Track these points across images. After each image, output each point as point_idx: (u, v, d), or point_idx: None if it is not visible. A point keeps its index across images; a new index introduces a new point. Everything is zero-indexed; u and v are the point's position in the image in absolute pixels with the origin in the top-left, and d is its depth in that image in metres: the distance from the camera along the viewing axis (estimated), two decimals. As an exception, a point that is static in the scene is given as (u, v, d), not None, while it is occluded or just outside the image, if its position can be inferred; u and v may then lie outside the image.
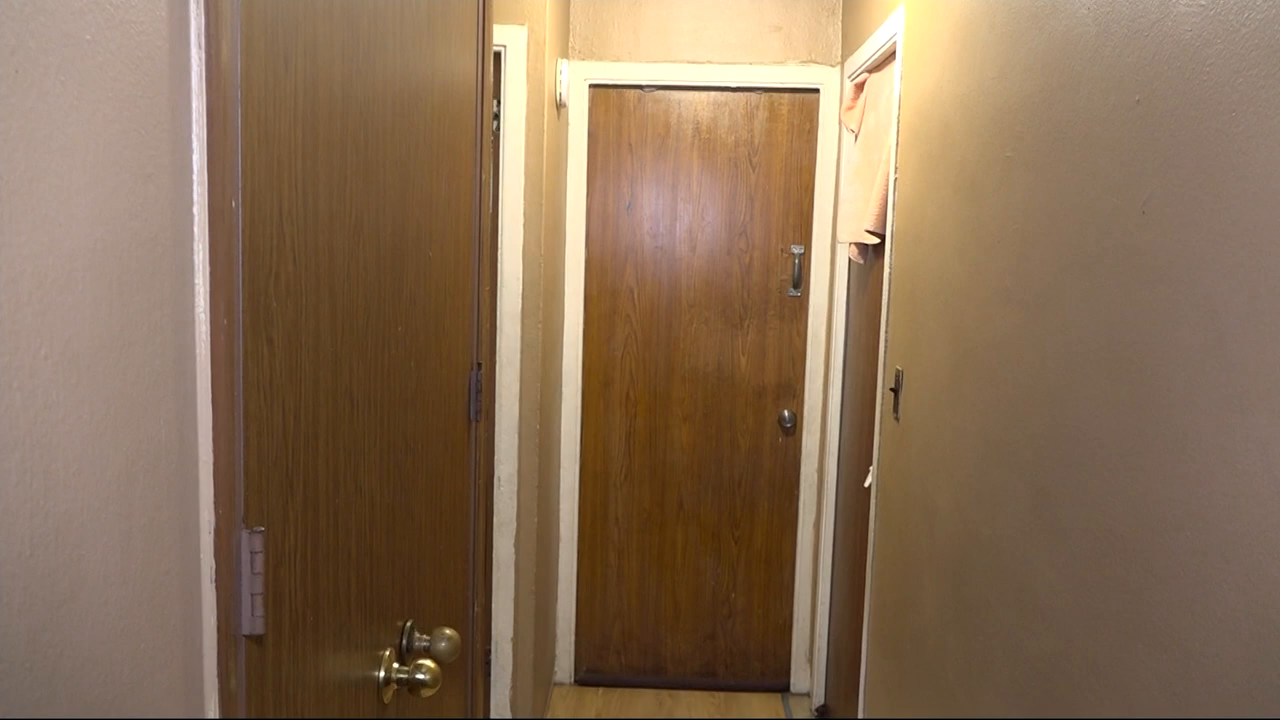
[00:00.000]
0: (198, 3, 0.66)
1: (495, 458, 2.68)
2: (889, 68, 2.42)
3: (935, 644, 1.83)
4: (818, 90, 3.11)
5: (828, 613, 3.13)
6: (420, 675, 1.08)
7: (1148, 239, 1.06)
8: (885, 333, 2.31)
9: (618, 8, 3.10)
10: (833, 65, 3.09)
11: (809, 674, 3.31)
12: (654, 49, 3.11)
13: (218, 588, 0.71)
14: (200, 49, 0.67)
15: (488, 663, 2.77)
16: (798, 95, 3.14)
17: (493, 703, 2.76)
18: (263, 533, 0.74)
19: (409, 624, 1.15)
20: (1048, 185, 1.34)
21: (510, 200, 2.62)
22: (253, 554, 0.73)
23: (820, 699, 3.21)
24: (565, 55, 3.06)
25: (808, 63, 3.10)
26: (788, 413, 3.23)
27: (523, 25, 2.58)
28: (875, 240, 2.47)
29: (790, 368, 3.23)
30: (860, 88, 2.75)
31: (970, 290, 1.68)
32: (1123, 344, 1.11)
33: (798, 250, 3.18)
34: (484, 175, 1.46)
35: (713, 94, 3.15)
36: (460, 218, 1.36)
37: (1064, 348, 1.27)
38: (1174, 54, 1.01)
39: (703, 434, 3.27)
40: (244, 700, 0.73)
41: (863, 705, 2.45)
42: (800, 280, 3.19)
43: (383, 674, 1.06)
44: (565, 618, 3.34)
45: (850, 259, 2.82)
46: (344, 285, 0.92)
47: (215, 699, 0.71)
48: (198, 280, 0.68)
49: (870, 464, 2.45)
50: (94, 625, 0.58)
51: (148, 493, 0.63)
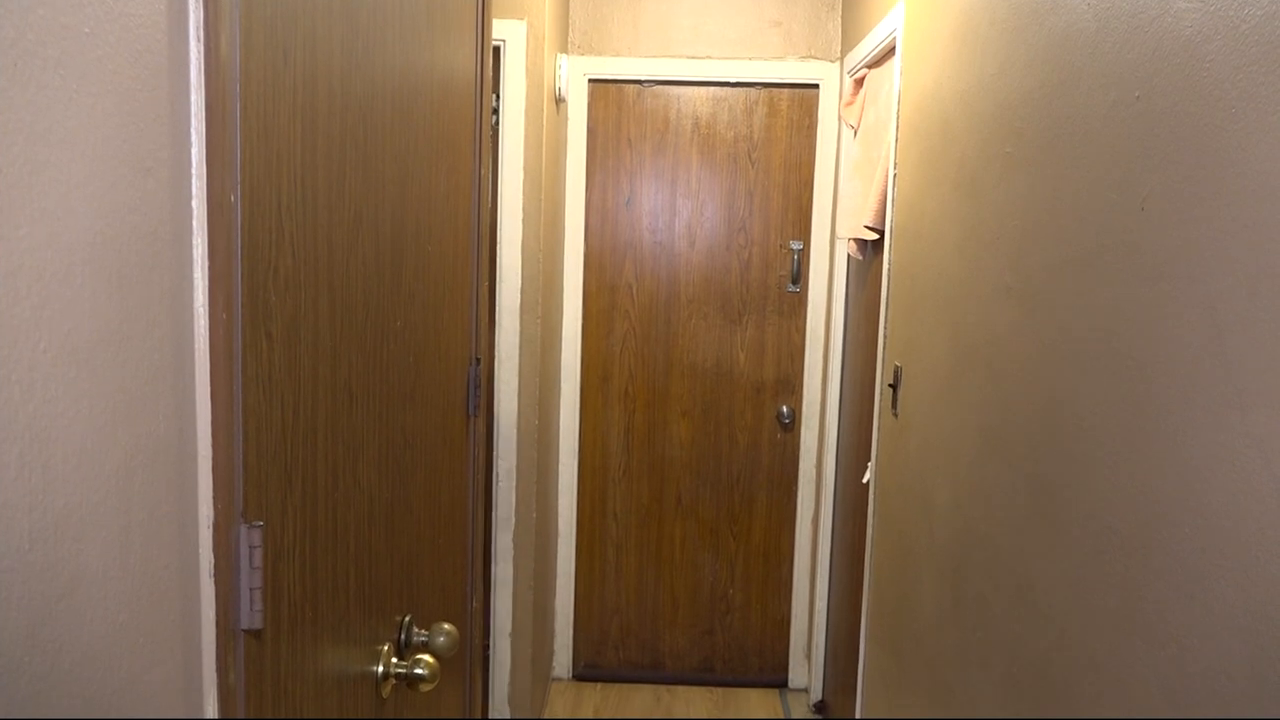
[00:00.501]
0: (196, -4, 0.66)
1: (494, 453, 2.68)
2: (889, 63, 2.42)
3: (933, 640, 1.83)
4: (817, 86, 3.10)
5: (826, 608, 3.14)
6: (419, 670, 1.08)
7: (1147, 235, 1.06)
8: (884, 329, 2.31)
9: (617, 2, 3.09)
10: (832, 61, 3.08)
11: (807, 670, 3.32)
12: (653, 44, 3.10)
13: (216, 582, 0.71)
14: (199, 42, 0.67)
15: (486, 658, 2.77)
16: (797, 91, 3.13)
17: (491, 698, 2.76)
18: (261, 527, 0.74)
19: (407, 619, 1.15)
20: (1047, 181, 1.34)
21: (509, 195, 2.62)
22: (251, 549, 0.73)
23: (818, 695, 3.21)
24: (564, 50, 3.05)
25: (807, 58, 3.09)
26: (786, 408, 3.23)
27: (522, 20, 2.57)
28: (874, 236, 2.47)
29: (789, 363, 3.23)
30: (860, 83, 2.75)
31: (969, 286, 1.68)
32: (1122, 340, 1.11)
33: (797, 246, 3.18)
34: (483, 170, 1.46)
35: (712, 89, 3.14)
36: (459, 213, 1.35)
37: (1063, 344, 1.27)
38: (1174, 50, 1.01)
39: (701, 430, 3.27)
40: (243, 695, 0.73)
41: (860, 701, 2.45)
42: (799, 276, 3.19)
43: (381, 669, 1.06)
44: (564, 613, 3.35)
45: (849, 255, 2.82)
46: (343, 280, 0.92)
47: (214, 694, 0.71)
48: (197, 274, 0.68)
49: (869, 460, 2.45)
50: (93, 620, 0.58)
51: (146, 487, 0.63)
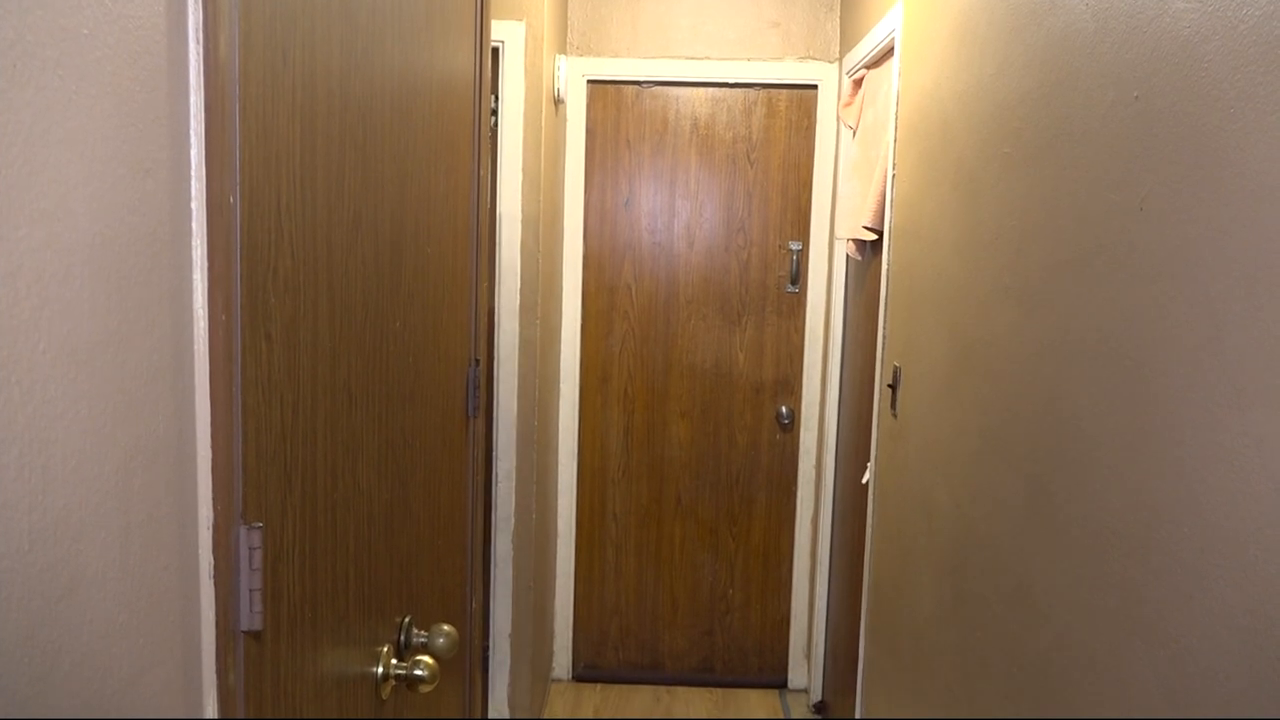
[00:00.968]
0: (195, -3, 0.66)
1: (493, 454, 2.68)
2: (887, 64, 2.42)
3: (932, 640, 1.83)
4: (816, 86, 3.11)
5: (825, 609, 3.14)
6: (418, 671, 1.08)
7: (1146, 235, 1.06)
8: (883, 329, 2.31)
9: (616, 3, 3.09)
10: (831, 61, 3.08)
11: (806, 670, 3.32)
12: (652, 45, 3.10)
13: (216, 583, 0.71)
14: (198, 44, 0.67)
15: (486, 659, 2.77)
16: (796, 91, 3.13)
17: (491, 699, 2.76)
18: (261, 528, 0.74)
19: (407, 620, 1.15)
20: (1046, 181, 1.34)
21: (508, 196, 2.62)
22: (251, 550, 0.73)
23: (818, 695, 3.21)
24: (563, 51, 3.05)
25: (806, 59, 3.09)
26: (785, 409, 3.23)
27: (521, 21, 2.57)
28: (873, 237, 2.47)
29: (788, 364, 3.23)
30: (858, 84, 2.75)
31: (968, 287, 1.68)
32: (1120, 340, 1.11)
33: (796, 247, 3.18)
34: (482, 171, 1.46)
35: (711, 90, 3.14)
36: (458, 214, 1.35)
37: (1062, 344, 1.27)
38: (1172, 50, 1.01)
39: (701, 430, 3.27)
40: (242, 696, 0.73)
41: (860, 701, 2.45)
42: (798, 276, 3.19)
43: (381, 670, 1.06)
44: (563, 614, 3.35)
45: (848, 255, 2.82)
46: (342, 281, 0.92)
47: (214, 695, 0.71)
48: (196, 275, 0.68)
49: (868, 460, 2.45)
50: (92, 621, 0.58)
51: (146, 488, 0.63)
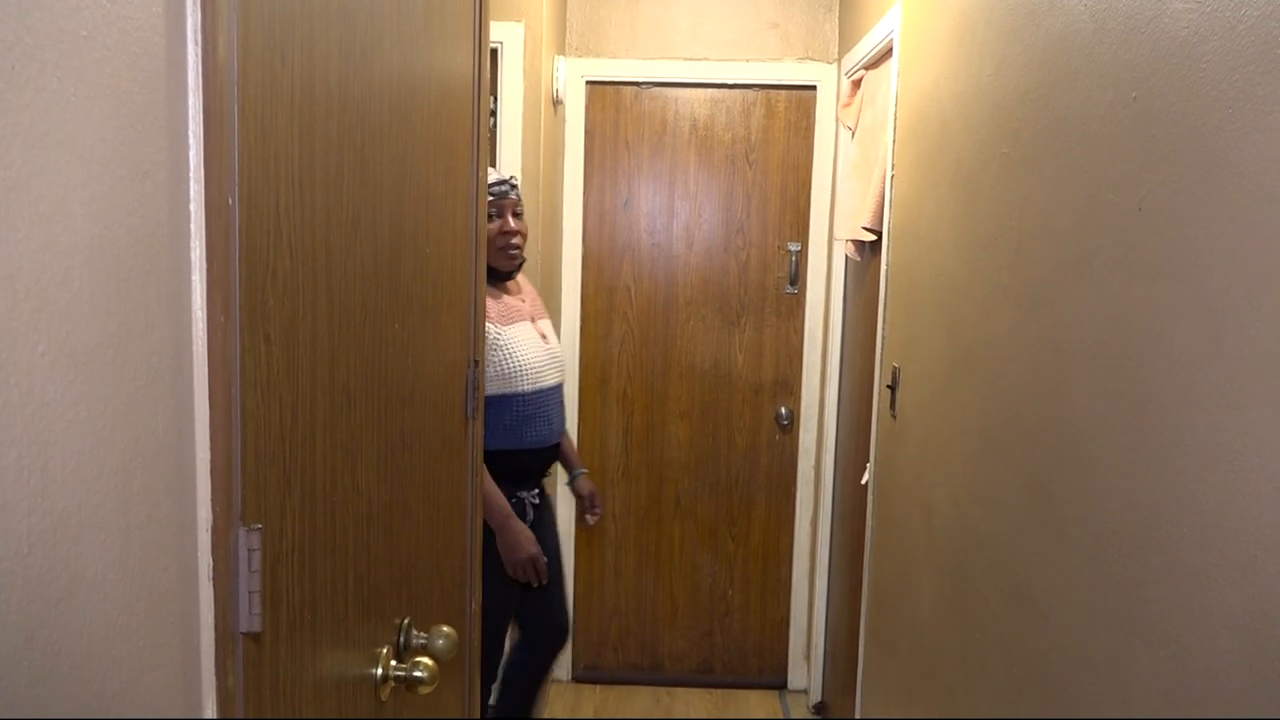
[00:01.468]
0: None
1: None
2: (886, 65, 2.42)
3: (932, 641, 1.83)
4: (815, 87, 3.11)
5: (825, 610, 3.14)
6: (418, 673, 1.08)
7: (1144, 235, 1.06)
8: (882, 330, 2.32)
9: (615, 4, 3.09)
10: (830, 62, 3.09)
11: (806, 671, 3.32)
12: (651, 46, 3.11)
13: (215, 585, 0.71)
14: (197, 45, 0.67)
15: (485, 660, 2.77)
16: (795, 92, 3.13)
17: (490, 700, 2.75)
18: (260, 530, 0.74)
19: (406, 621, 1.15)
20: (1045, 182, 1.34)
21: (507, 197, 2.62)
22: (250, 551, 0.73)
23: (817, 696, 3.21)
24: (562, 52, 3.05)
25: (805, 60, 3.10)
26: (785, 410, 3.23)
27: (519, 22, 2.57)
28: (872, 237, 2.47)
29: (787, 365, 3.23)
30: (857, 85, 2.75)
31: (967, 287, 1.68)
32: (1119, 340, 1.11)
33: (795, 247, 3.18)
34: (481, 172, 1.46)
35: (710, 91, 3.14)
36: (457, 215, 1.35)
37: (1061, 344, 1.27)
38: (1170, 50, 1.01)
39: (700, 431, 3.27)
40: (242, 698, 0.73)
41: (860, 702, 2.45)
42: (797, 277, 3.19)
43: (380, 672, 1.06)
44: (562, 615, 3.34)
45: (847, 256, 2.82)
46: (341, 282, 0.92)
47: (213, 697, 0.71)
48: (195, 277, 0.68)
49: (867, 461, 2.45)
50: (91, 623, 0.58)
51: (145, 490, 0.63)
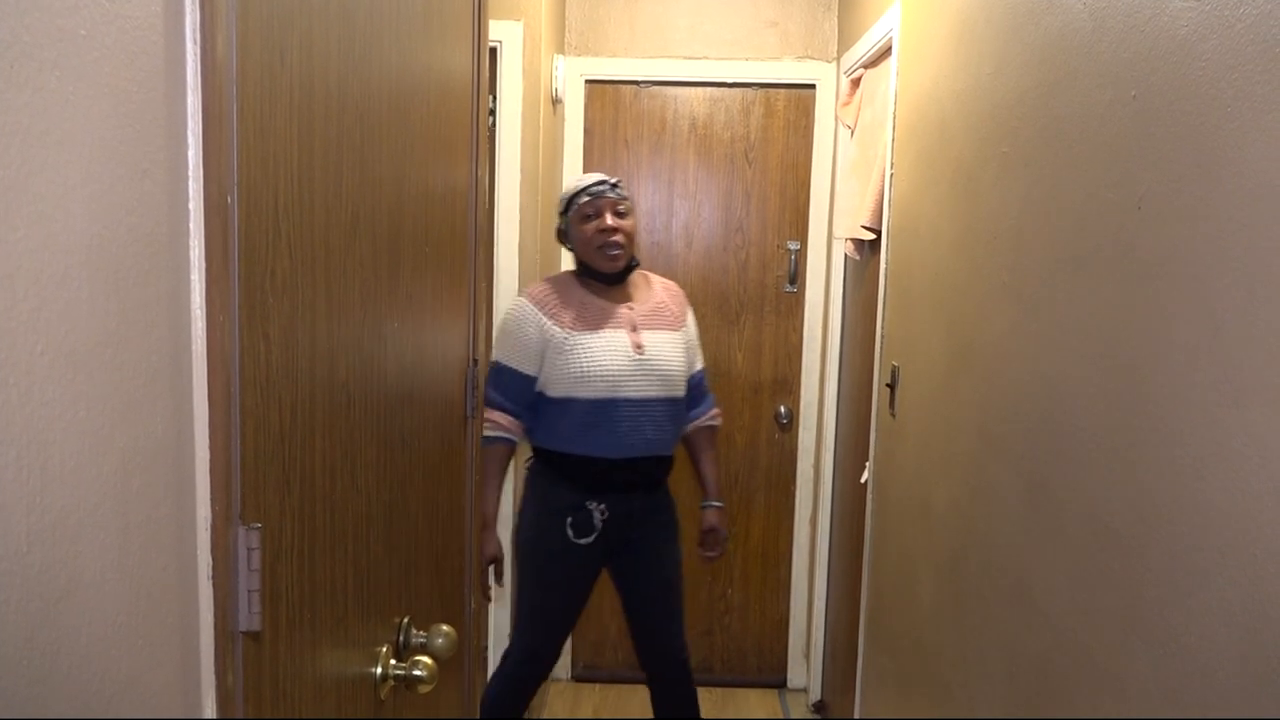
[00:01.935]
0: (193, -2, 0.66)
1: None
2: (885, 63, 2.42)
3: (931, 639, 1.83)
4: (814, 86, 3.11)
5: (824, 608, 3.14)
6: (417, 672, 1.08)
7: (1143, 234, 1.06)
8: (881, 329, 2.32)
9: (614, 3, 3.09)
10: (829, 61, 3.08)
11: (805, 670, 3.32)
12: (650, 44, 3.10)
13: (215, 584, 0.71)
14: (196, 44, 0.67)
15: (485, 659, 2.77)
16: (794, 91, 3.13)
17: (490, 699, 2.75)
18: (259, 529, 0.74)
19: (406, 620, 1.15)
20: (1044, 181, 1.34)
21: (506, 196, 2.62)
22: (249, 550, 0.73)
23: (817, 695, 3.21)
24: (561, 51, 3.05)
25: (804, 58, 3.09)
26: (784, 409, 3.23)
27: (518, 21, 2.57)
28: (871, 236, 2.47)
29: (786, 364, 3.23)
30: (856, 83, 2.75)
31: (966, 286, 1.68)
32: (1119, 339, 1.11)
33: (794, 246, 3.18)
34: (480, 171, 1.46)
35: (709, 90, 3.14)
36: (456, 214, 1.35)
37: (1060, 343, 1.27)
38: (1169, 49, 1.01)
39: (699, 430, 3.26)
40: (241, 697, 0.73)
41: (859, 701, 2.46)
42: (796, 276, 3.19)
43: (380, 671, 1.06)
44: (562, 614, 3.34)
45: (846, 255, 2.82)
46: (340, 281, 0.92)
47: (213, 696, 0.71)
48: (194, 276, 0.68)
49: (866, 460, 2.45)
50: (91, 622, 0.58)
51: (144, 489, 0.63)
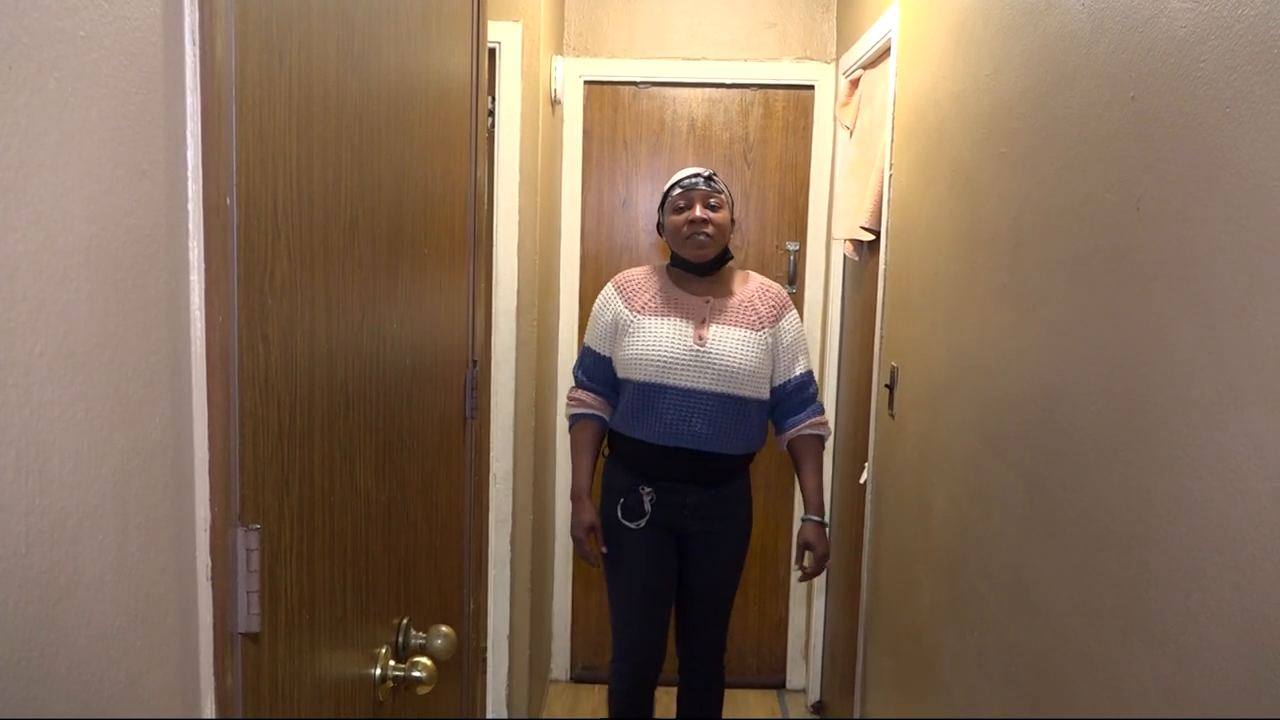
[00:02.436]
0: (192, -2, 0.66)
1: (491, 455, 2.68)
2: (884, 64, 2.42)
3: (931, 640, 1.83)
4: (813, 87, 3.11)
5: (823, 609, 3.14)
6: (416, 673, 1.08)
7: (1142, 235, 1.06)
8: (880, 329, 2.32)
9: (613, 4, 3.09)
10: (827, 62, 3.09)
11: (805, 671, 3.32)
12: (649, 45, 3.10)
13: (214, 585, 0.71)
14: (195, 45, 0.67)
15: (484, 660, 2.77)
16: (793, 92, 3.13)
17: (489, 700, 2.76)
18: (258, 530, 0.74)
19: (405, 622, 1.15)
20: (1042, 181, 1.34)
21: (505, 197, 2.62)
22: (248, 551, 0.73)
23: (816, 695, 3.21)
24: (560, 52, 3.05)
25: (802, 59, 3.10)
26: (783, 409, 3.23)
27: (517, 22, 2.57)
28: (870, 237, 2.47)
29: (785, 364, 3.23)
30: (855, 84, 2.75)
31: (965, 287, 1.68)
32: (1117, 340, 1.11)
33: (793, 247, 3.19)
34: (479, 172, 1.46)
35: (708, 91, 3.14)
36: (455, 214, 1.35)
37: (1059, 344, 1.27)
38: (1168, 50, 1.02)
39: (698, 431, 3.26)
40: (240, 698, 0.73)
41: (858, 702, 2.46)
42: (795, 277, 3.19)
43: (379, 672, 1.06)
44: (561, 615, 3.34)
45: (845, 255, 2.82)
46: (339, 282, 0.92)
47: (212, 697, 0.71)
48: (193, 277, 0.68)
49: (865, 460, 2.45)
50: (90, 623, 0.58)
51: (143, 490, 0.63)
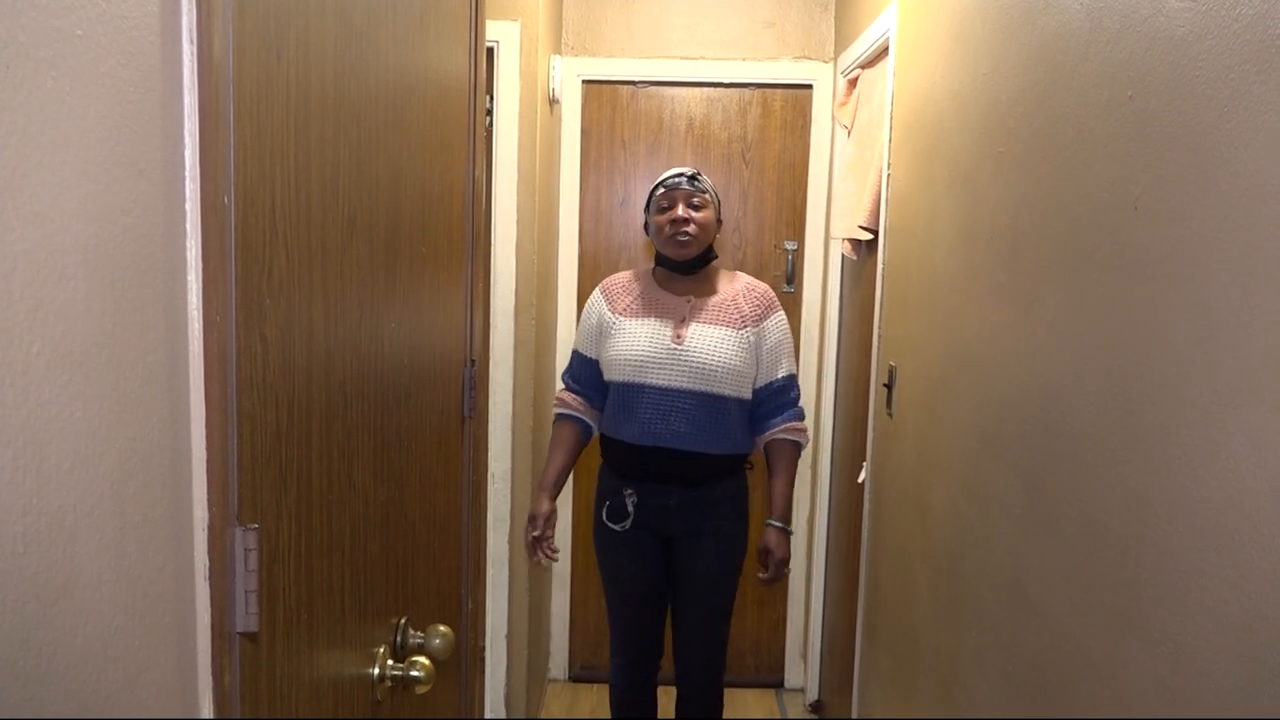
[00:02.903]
0: (189, -3, 0.66)
1: (489, 454, 2.68)
2: (882, 64, 2.42)
3: (928, 639, 1.83)
4: (811, 86, 3.11)
5: (821, 609, 3.14)
6: (415, 672, 1.08)
7: (1140, 234, 1.06)
8: (878, 328, 2.32)
9: (611, 3, 3.09)
10: (826, 61, 3.09)
11: (803, 670, 3.32)
12: (647, 44, 3.10)
13: (211, 585, 0.71)
14: (192, 44, 0.67)
15: (482, 659, 2.77)
16: (791, 91, 3.13)
17: (487, 700, 2.76)
18: (256, 530, 0.74)
19: (403, 621, 1.15)
20: (1040, 181, 1.34)
21: (503, 196, 2.62)
22: (246, 551, 0.73)
23: (814, 695, 3.21)
24: (558, 51, 3.05)
25: (801, 59, 3.10)
26: (781, 409, 3.23)
27: (516, 21, 2.57)
28: (868, 236, 2.47)
29: (783, 364, 3.23)
30: (853, 84, 2.75)
31: (963, 286, 1.68)
32: (1115, 339, 1.11)
33: (791, 246, 3.19)
34: (477, 171, 1.46)
35: (706, 90, 3.14)
36: (453, 214, 1.35)
37: (1056, 343, 1.27)
38: (1166, 50, 1.02)
39: (696, 430, 3.26)
40: (238, 698, 0.73)
41: (856, 701, 2.46)
42: (794, 276, 3.19)
43: (377, 671, 1.06)
44: (559, 614, 3.34)
45: (843, 255, 2.82)
46: (337, 281, 0.92)
47: (210, 697, 0.71)
48: (190, 277, 0.68)
49: (864, 460, 2.45)
50: (87, 623, 0.57)
51: (141, 490, 0.63)
